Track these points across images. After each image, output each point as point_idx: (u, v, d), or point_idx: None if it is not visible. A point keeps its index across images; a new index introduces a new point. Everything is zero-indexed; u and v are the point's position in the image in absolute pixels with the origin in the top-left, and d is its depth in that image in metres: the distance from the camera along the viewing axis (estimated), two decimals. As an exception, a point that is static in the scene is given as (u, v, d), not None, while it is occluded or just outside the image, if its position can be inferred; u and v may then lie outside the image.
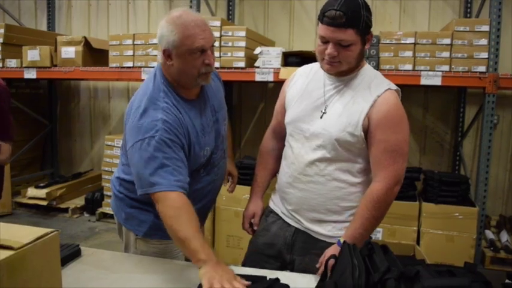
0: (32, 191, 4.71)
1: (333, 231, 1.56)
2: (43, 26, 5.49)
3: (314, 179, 1.53)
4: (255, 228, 1.76)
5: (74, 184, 4.96)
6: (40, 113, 5.34)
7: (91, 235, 4.14)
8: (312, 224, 1.57)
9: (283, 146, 1.71)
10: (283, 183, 1.64)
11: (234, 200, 3.28)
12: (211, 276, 1.22)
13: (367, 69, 1.56)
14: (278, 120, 1.76)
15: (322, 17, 1.40)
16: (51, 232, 1.12)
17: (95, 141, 5.50)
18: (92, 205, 4.63)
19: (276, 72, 3.51)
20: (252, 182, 1.82)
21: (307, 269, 1.51)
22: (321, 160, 1.52)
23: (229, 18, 4.62)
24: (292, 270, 1.61)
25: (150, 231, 1.66)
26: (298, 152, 1.57)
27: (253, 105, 4.73)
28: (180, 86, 1.57)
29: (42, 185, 4.81)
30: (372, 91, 1.48)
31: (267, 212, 1.76)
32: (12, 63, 4.45)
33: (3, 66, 4.46)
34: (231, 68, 3.66)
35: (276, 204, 1.72)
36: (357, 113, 1.46)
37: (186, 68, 1.52)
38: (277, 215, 1.70)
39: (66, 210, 4.66)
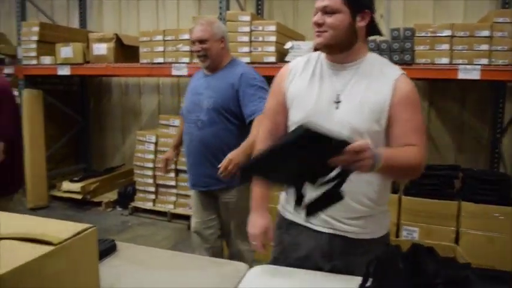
0: (67, 185, 4.82)
1: (370, 226, 1.49)
2: (75, 24, 5.59)
3: None
4: (272, 244, 1.63)
5: (106, 178, 5.05)
6: (73, 109, 5.45)
7: (124, 229, 4.20)
8: (349, 225, 1.49)
9: None
10: None
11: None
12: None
13: (374, 56, 1.52)
14: (275, 121, 1.62)
15: None
16: (89, 228, 1.11)
17: (126, 137, 5.57)
18: (125, 199, 4.70)
19: (308, 67, 3.45)
20: (253, 193, 1.66)
21: (350, 273, 1.43)
22: None
23: (259, 13, 4.58)
24: None
25: None
26: None
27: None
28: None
29: (76, 179, 4.92)
30: (388, 76, 1.43)
31: (285, 224, 1.62)
32: (46, 60, 4.55)
33: (38, 63, 4.56)
34: (261, 62, 3.62)
35: (295, 214, 1.58)
36: (379, 100, 1.41)
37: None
38: (300, 225, 1.57)
39: (99, 204, 4.75)
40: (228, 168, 2.22)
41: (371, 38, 3.45)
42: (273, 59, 3.60)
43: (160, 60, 4.06)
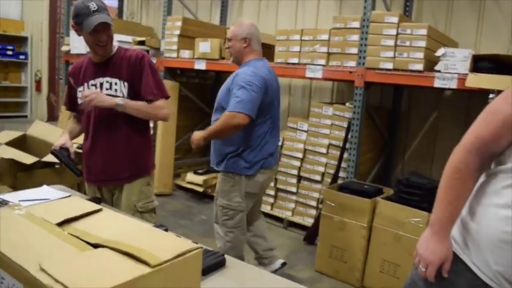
0: (190, 177, 4.95)
1: None
2: (216, 21, 5.74)
3: None
4: (445, 275, 1.30)
5: (228, 175, 5.07)
6: (206, 103, 5.59)
7: (238, 229, 4.13)
8: None
9: (485, 169, 1.29)
10: (497, 236, 1.19)
11: (395, 222, 2.81)
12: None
13: None
14: (500, 136, 1.21)
15: None
16: (195, 249, 0.95)
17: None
18: (243, 198, 4.65)
19: (462, 79, 2.97)
20: (437, 211, 1.29)
21: None
22: None
23: (406, 13, 4.15)
24: None
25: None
26: None
27: (424, 114, 4.19)
28: None
29: (200, 171, 5.02)
30: None
31: None
32: (185, 54, 4.71)
33: (177, 56, 4.75)
34: (405, 70, 3.23)
35: (462, 249, 1.29)
36: None
37: None
38: (464, 265, 1.28)
39: (218, 199, 4.77)
40: (192, 143, 2.56)
41: None
42: (419, 66, 3.18)
43: (295, 60, 3.88)
